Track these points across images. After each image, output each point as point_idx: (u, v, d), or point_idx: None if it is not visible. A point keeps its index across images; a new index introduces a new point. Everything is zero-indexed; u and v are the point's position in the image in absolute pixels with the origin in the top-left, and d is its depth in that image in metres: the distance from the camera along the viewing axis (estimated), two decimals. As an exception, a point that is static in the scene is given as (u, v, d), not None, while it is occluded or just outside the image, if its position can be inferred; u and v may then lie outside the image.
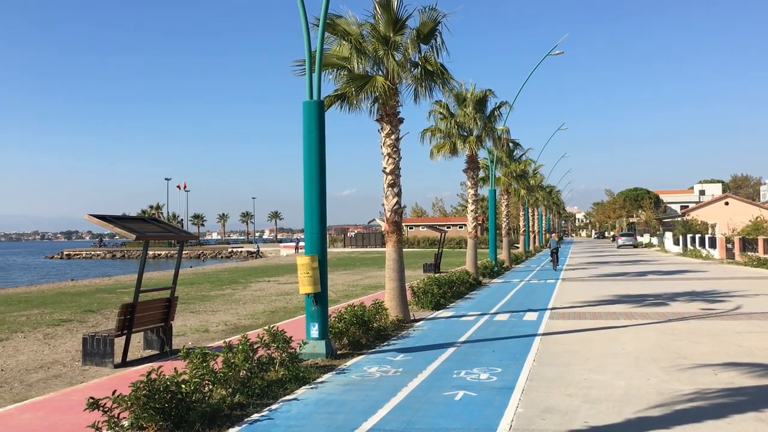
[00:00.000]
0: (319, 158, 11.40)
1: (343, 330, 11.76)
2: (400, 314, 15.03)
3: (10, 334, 14.64)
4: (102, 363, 10.77)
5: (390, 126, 15.58)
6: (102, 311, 19.06)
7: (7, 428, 7.27)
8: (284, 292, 24.76)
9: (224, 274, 37.90)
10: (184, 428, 6.84)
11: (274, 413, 7.62)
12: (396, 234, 15.52)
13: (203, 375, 7.60)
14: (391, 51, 14.72)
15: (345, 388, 8.85)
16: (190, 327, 15.36)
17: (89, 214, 11.22)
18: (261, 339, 9.38)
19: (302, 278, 11.06)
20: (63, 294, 26.19)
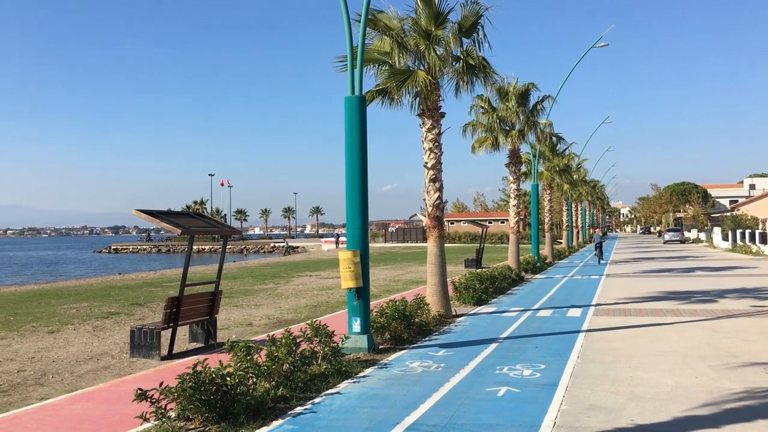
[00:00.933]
0: (361, 153, 11.42)
1: (384, 325, 11.78)
2: (442, 309, 14.99)
3: (61, 327, 15.03)
4: (149, 355, 10.99)
5: (431, 121, 15.52)
6: (148, 304, 19.44)
7: (58, 418, 7.48)
8: (326, 286, 24.91)
9: (266, 269, 38.31)
10: (229, 420, 6.94)
11: (317, 407, 7.68)
12: (437, 229, 15.47)
13: (247, 368, 7.69)
14: (433, 45, 14.66)
15: (387, 382, 8.87)
16: (234, 320, 15.56)
17: (136, 210, 11.45)
18: (304, 333, 9.46)
19: (344, 273, 11.11)
20: (111, 287, 26.80)
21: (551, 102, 28.50)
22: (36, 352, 11.85)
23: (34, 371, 10.26)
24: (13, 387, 9.22)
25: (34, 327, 15.02)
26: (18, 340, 13.18)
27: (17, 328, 14.83)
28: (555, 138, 36.75)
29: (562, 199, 62.23)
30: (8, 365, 10.75)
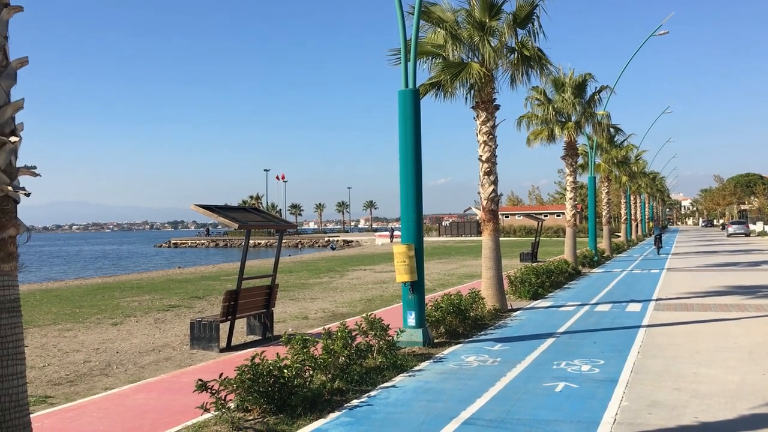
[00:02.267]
0: (415, 147, 11.39)
1: (439, 318, 11.74)
2: (497, 303, 14.86)
3: (124, 319, 15.48)
4: (208, 347, 11.22)
5: (486, 113, 15.37)
6: (207, 298, 19.84)
7: (122, 407, 7.69)
8: (380, 280, 24.99)
9: (321, 263, 38.64)
10: (287, 412, 7.02)
11: (372, 400, 7.71)
12: (492, 222, 15.33)
13: (304, 360, 7.76)
14: (487, 37, 14.51)
15: (442, 376, 8.84)
16: (290, 314, 15.75)
17: (195, 205, 11.67)
18: (359, 326, 9.50)
19: (399, 267, 11.11)
20: (171, 281, 27.46)
21: (609, 93, 27.91)
22: (101, 344, 12.22)
23: (99, 362, 10.59)
24: (79, 377, 9.54)
25: (99, 319, 15.51)
26: (84, 332, 13.62)
27: (83, 320, 15.33)
28: (613, 129, 35.96)
29: (620, 192, 60.94)
30: (75, 356, 11.12)
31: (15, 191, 4.46)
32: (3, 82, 4.46)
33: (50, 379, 9.38)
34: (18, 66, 4.60)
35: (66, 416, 7.36)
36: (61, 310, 17.43)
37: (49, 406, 7.89)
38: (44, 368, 10.14)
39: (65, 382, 9.20)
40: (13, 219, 4.46)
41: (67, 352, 11.50)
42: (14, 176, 4.52)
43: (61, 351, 11.57)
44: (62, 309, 17.59)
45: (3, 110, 4.44)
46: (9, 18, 4.57)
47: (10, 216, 4.45)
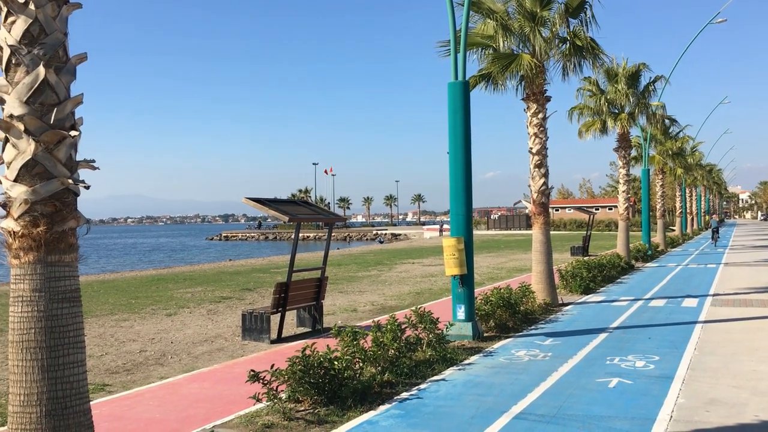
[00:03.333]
0: (465, 139, 11.30)
1: (489, 312, 11.65)
2: (548, 298, 14.67)
3: (177, 310, 15.80)
4: (259, 338, 11.36)
5: (536, 105, 15.16)
6: (258, 290, 20.11)
7: (177, 396, 7.86)
8: (429, 273, 24.94)
9: (369, 256, 38.77)
10: (337, 403, 7.07)
11: (422, 393, 7.70)
12: (543, 216, 15.14)
13: (354, 353, 7.79)
14: (538, 27, 14.29)
15: (493, 370, 8.77)
16: (339, 306, 15.84)
17: (246, 198, 11.82)
18: (408, 319, 9.49)
19: (448, 260, 11.06)
20: (222, 273, 27.92)
21: (664, 83, 27.25)
22: (156, 334, 12.51)
23: (155, 352, 10.84)
24: (136, 366, 9.78)
25: (154, 310, 15.87)
26: (139, 322, 13.96)
27: (138, 311, 15.71)
28: (667, 120, 35.12)
29: (675, 185, 59.46)
30: (131, 345, 11.41)
31: (75, 184, 4.58)
32: (63, 77, 4.58)
33: (108, 368, 9.65)
34: (77, 62, 4.72)
35: (123, 404, 7.55)
36: (117, 300, 17.90)
37: (107, 393, 8.11)
38: (102, 357, 10.43)
39: (122, 371, 9.45)
40: (73, 211, 4.58)
41: (124, 341, 11.80)
42: (74, 170, 4.64)
43: (118, 340, 11.88)
44: (119, 300, 18.07)
45: (63, 105, 4.55)
46: (68, 15, 4.69)
47: (71, 208, 4.57)
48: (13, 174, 4.45)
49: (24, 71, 4.44)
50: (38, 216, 4.41)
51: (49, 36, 4.51)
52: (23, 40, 4.44)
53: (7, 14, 4.48)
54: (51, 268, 4.43)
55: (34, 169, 4.44)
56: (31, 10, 4.44)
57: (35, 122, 4.43)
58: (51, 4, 4.52)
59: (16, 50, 4.44)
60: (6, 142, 4.51)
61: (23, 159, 4.42)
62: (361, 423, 6.61)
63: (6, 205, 4.49)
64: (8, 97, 4.47)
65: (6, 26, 4.48)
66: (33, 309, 4.38)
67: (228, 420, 6.76)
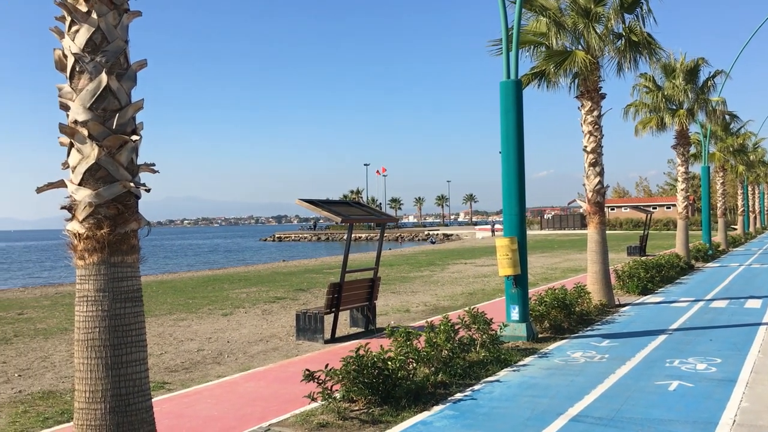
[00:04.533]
0: (518, 138, 11.20)
1: (543, 313, 11.50)
2: (604, 298, 14.41)
3: (233, 310, 16.08)
4: (313, 338, 11.47)
5: (591, 102, 14.91)
6: (311, 290, 20.30)
7: (234, 394, 8.00)
8: (482, 274, 24.77)
9: (422, 256, 38.72)
10: (391, 403, 7.08)
11: (476, 393, 7.65)
12: (598, 215, 14.88)
13: (407, 353, 7.79)
14: (592, 23, 14.06)
15: (548, 372, 8.66)
16: (392, 306, 15.87)
17: (299, 199, 11.96)
18: (462, 320, 9.45)
19: (501, 260, 10.96)
20: (276, 273, 28.28)
21: (724, 78, 26.43)
22: (212, 333, 12.75)
23: (212, 350, 11.05)
24: (194, 365, 9.99)
25: (210, 310, 16.18)
26: (197, 322, 14.25)
27: (195, 311, 16.04)
28: (728, 116, 34.08)
29: (736, 182, 57.74)
30: (189, 344, 11.66)
31: (136, 187, 4.71)
32: (124, 83, 4.72)
33: (167, 366, 9.88)
34: (138, 68, 4.85)
35: (183, 401, 7.73)
36: (175, 300, 18.32)
37: (167, 391, 8.30)
38: (161, 356, 10.68)
39: (181, 369, 9.66)
40: (134, 214, 4.72)
41: (182, 340, 12.06)
42: (135, 173, 4.77)
43: (177, 339, 12.16)
44: (176, 300, 18.48)
45: (124, 111, 4.69)
46: (129, 23, 4.83)
47: (132, 211, 4.71)
48: (77, 178, 4.61)
49: (87, 78, 4.59)
50: (102, 218, 4.56)
51: (111, 44, 4.65)
52: (86, 48, 4.60)
53: (71, 23, 4.64)
54: (114, 269, 4.57)
55: (97, 173, 4.59)
56: (94, 19, 4.58)
57: (98, 127, 4.58)
58: (112, 12, 4.67)
59: (79, 58, 4.59)
60: (71, 147, 4.67)
61: (87, 163, 4.57)
62: (416, 423, 6.61)
63: (71, 208, 4.66)
64: (73, 103, 4.63)
65: (70, 35, 4.64)
66: (97, 308, 4.52)
67: (284, 419, 6.85)
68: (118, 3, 4.70)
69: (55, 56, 4.72)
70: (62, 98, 4.70)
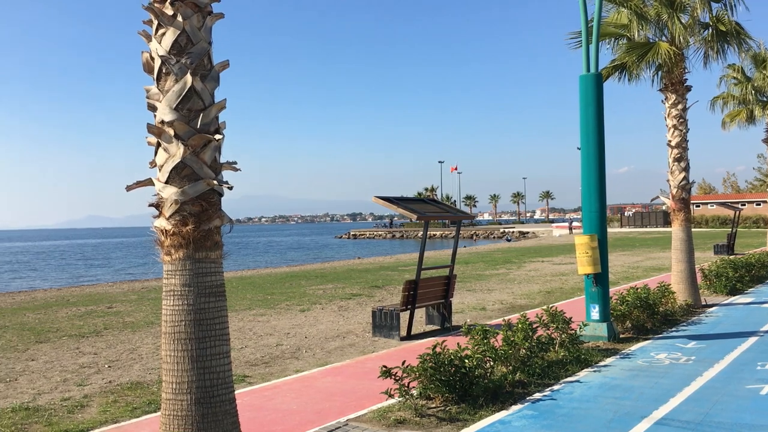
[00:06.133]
0: (597, 134, 10.91)
1: (625, 313, 11.18)
2: (689, 298, 13.88)
3: (310, 306, 16.33)
4: (389, 335, 11.52)
5: (675, 95, 14.38)
6: (386, 287, 20.40)
7: (312, 389, 8.12)
8: (559, 272, 24.29)
9: (497, 254, 38.30)
10: (468, 401, 7.03)
11: (556, 394, 7.51)
12: (683, 212, 14.34)
13: (485, 351, 7.71)
14: (677, 13, 13.54)
15: (631, 373, 8.41)
16: (468, 304, 15.76)
17: (376, 197, 12.02)
18: (540, 319, 9.28)
19: (581, 258, 10.72)
20: (352, 270, 28.55)
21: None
22: (291, 329, 12.98)
23: (290, 346, 11.25)
24: (273, 359, 10.19)
25: (288, 305, 16.48)
26: (275, 317, 14.55)
27: (274, 306, 16.38)
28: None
29: (833, 177, 54.52)
30: (268, 339, 11.91)
31: (219, 185, 4.84)
32: (208, 84, 4.85)
33: (248, 360, 10.12)
34: (220, 69, 4.98)
35: (263, 395, 7.90)
36: (254, 296, 18.76)
37: (247, 384, 8.51)
38: (242, 350, 10.95)
39: (261, 363, 9.88)
40: (218, 211, 4.85)
41: (262, 335, 12.33)
42: (218, 171, 4.90)
43: (256, 334, 12.44)
44: (255, 295, 18.92)
45: (208, 111, 4.82)
46: (212, 25, 4.95)
47: (216, 208, 4.84)
48: (164, 176, 4.76)
49: (173, 80, 4.74)
50: (187, 215, 4.70)
51: (195, 45, 4.79)
52: (172, 50, 4.75)
53: (157, 27, 4.81)
54: (198, 264, 4.71)
55: (182, 172, 4.73)
56: (179, 22, 4.73)
57: (183, 127, 4.72)
58: (196, 15, 4.80)
59: (165, 60, 4.75)
60: (158, 146, 4.84)
61: (173, 162, 4.72)
62: (493, 422, 6.54)
63: (158, 206, 4.82)
64: (159, 104, 4.79)
65: (157, 38, 4.80)
66: (183, 302, 4.67)
67: (361, 414, 6.90)
68: (202, 5, 4.83)
69: (143, 59, 4.90)
70: (150, 99, 4.87)
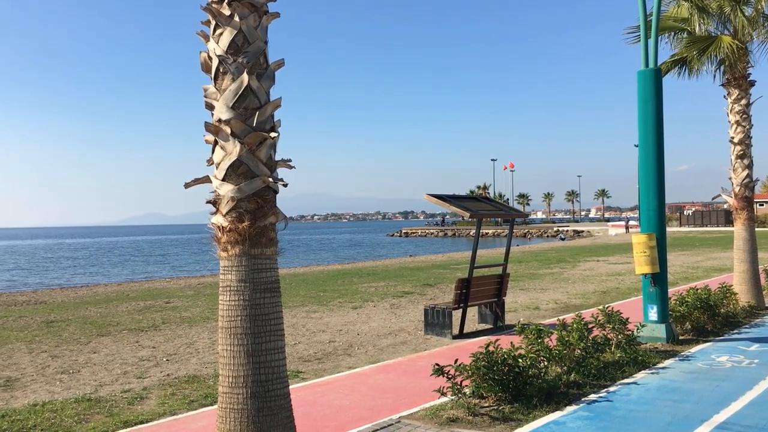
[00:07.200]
0: (656, 130, 10.66)
1: (684, 314, 10.89)
2: (753, 300, 13.44)
3: (362, 303, 16.41)
4: (441, 333, 11.48)
5: (738, 90, 13.93)
6: (438, 285, 20.35)
7: (365, 386, 8.16)
8: (615, 272, 23.83)
9: (551, 253, 37.79)
10: (522, 401, 6.96)
11: (612, 395, 7.36)
12: (746, 211, 13.89)
13: (538, 351, 7.62)
14: (740, 6, 13.11)
15: (690, 376, 8.19)
16: (521, 303, 15.60)
17: (427, 194, 11.99)
18: (595, 319, 9.12)
19: (638, 257, 10.49)
20: (403, 268, 28.57)
21: None
22: (343, 326, 13.07)
23: (342, 342, 11.33)
24: (326, 356, 10.28)
25: (340, 303, 16.60)
26: (327, 314, 14.67)
27: (326, 303, 16.51)
28: None
29: None
30: (321, 336, 12.01)
31: (274, 182, 4.90)
32: (264, 83, 4.91)
33: (301, 356, 10.23)
34: (276, 68, 5.04)
35: (316, 390, 7.97)
36: (307, 293, 18.95)
37: (301, 380, 8.60)
38: (295, 346, 11.07)
39: (314, 360, 9.98)
40: (273, 208, 4.91)
41: (314, 332, 12.45)
42: (273, 169, 4.96)
43: (309, 331, 12.57)
44: (308, 292, 19.11)
45: (264, 109, 4.89)
46: (268, 24, 5.02)
47: (271, 205, 4.90)
48: (221, 174, 4.85)
49: (230, 79, 4.82)
50: (243, 212, 4.78)
51: (252, 45, 4.86)
52: (229, 50, 4.83)
53: (215, 27, 4.89)
54: (254, 261, 4.78)
55: (239, 169, 4.81)
56: (236, 22, 4.81)
57: (240, 125, 4.80)
58: (253, 15, 4.87)
59: (223, 60, 4.83)
60: (215, 144, 4.93)
61: (230, 160, 4.80)
62: (548, 423, 6.46)
63: (215, 203, 4.91)
64: (217, 103, 4.88)
65: (215, 38, 4.89)
66: (239, 298, 4.74)
67: (414, 412, 6.90)
68: (258, 5, 4.90)
69: (201, 59, 4.99)
70: (207, 98, 4.96)
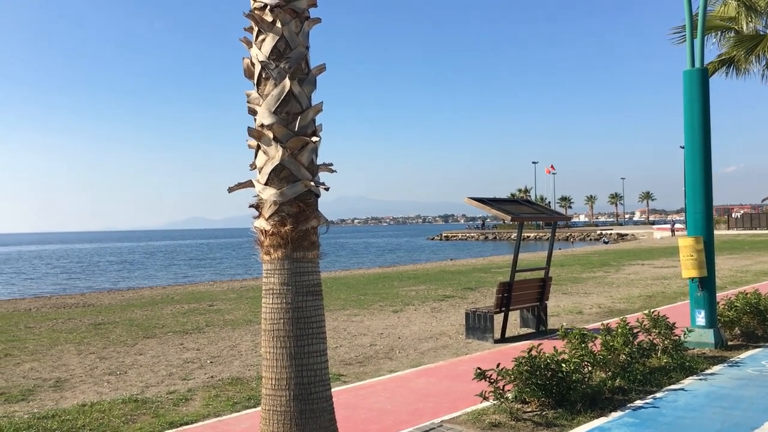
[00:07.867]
0: (703, 131, 10.43)
1: (734, 319, 10.62)
2: (805, 305, 13.03)
3: (403, 307, 16.40)
4: (483, 337, 11.41)
5: (788, 89, 13.59)
6: (479, 289, 20.22)
7: (406, 389, 8.15)
8: (661, 276, 23.36)
9: (594, 257, 37.25)
10: (565, 407, 6.87)
11: (658, 402, 7.22)
12: (798, 213, 13.50)
13: (582, 356, 7.52)
14: (790, 2, 12.79)
15: (740, 382, 7.99)
16: (564, 308, 15.41)
17: (468, 197, 11.95)
18: (640, 323, 8.96)
19: (685, 261, 10.27)
20: (444, 272, 28.47)
21: None
22: (384, 329, 13.08)
23: (383, 346, 11.33)
24: (367, 359, 10.30)
25: (381, 306, 16.62)
26: (368, 317, 14.70)
27: (367, 307, 16.55)
28: None
29: None
30: (362, 339, 12.05)
31: (316, 186, 4.94)
32: (305, 87, 4.96)
33: (342, 359, 10.27)
34: (317, 73, 5.08)
35: (358, 394, 7.99)
36: (348, 296, 19.02)
37: (342, 383, 8.63)
38: (337, 349, 11.12)
39: (355, 363, 10.01)
40: (314, 211, 4.95)
41: (355, 335, 12.49)
42: (315, 173, 5.01)
43: (350, 334, 12.61)
44: (349, 296, 19.18)
45: (305, 113, 4.93)
46: (309, 29, 5.07)
47: (312, 209, 4.94)
48: (264, 178, 4.91)
49: (272, 84, 4.89)
50: (285, 216, 4.83)
51: (293, 50, 4.91)
52: (271, 55, 4.89)
53: (257, 33, 4.96)
54: (296, 264, 4.82)
55: (281, 173, 4.86)
56: (278, 28, 4.87)
57: (282, 130, 4.85)
58: (294, 21, 4.93)
59: (265, 65, 4.89)
60: (258, 149, 4.99)
61: (272, 164, 4.86)
62: (592, 429, 6.36)
63: (258, 207, 4.98)
64: (260, 108, 4.95)
65: (257, 44, 4.96)
66: (282, 301, 4.79)
67: (456, 416, 6.87)
68: (300, 11, 4.95)
69: (243, 65, 5.07)
70: (250, 104, 5.03)
